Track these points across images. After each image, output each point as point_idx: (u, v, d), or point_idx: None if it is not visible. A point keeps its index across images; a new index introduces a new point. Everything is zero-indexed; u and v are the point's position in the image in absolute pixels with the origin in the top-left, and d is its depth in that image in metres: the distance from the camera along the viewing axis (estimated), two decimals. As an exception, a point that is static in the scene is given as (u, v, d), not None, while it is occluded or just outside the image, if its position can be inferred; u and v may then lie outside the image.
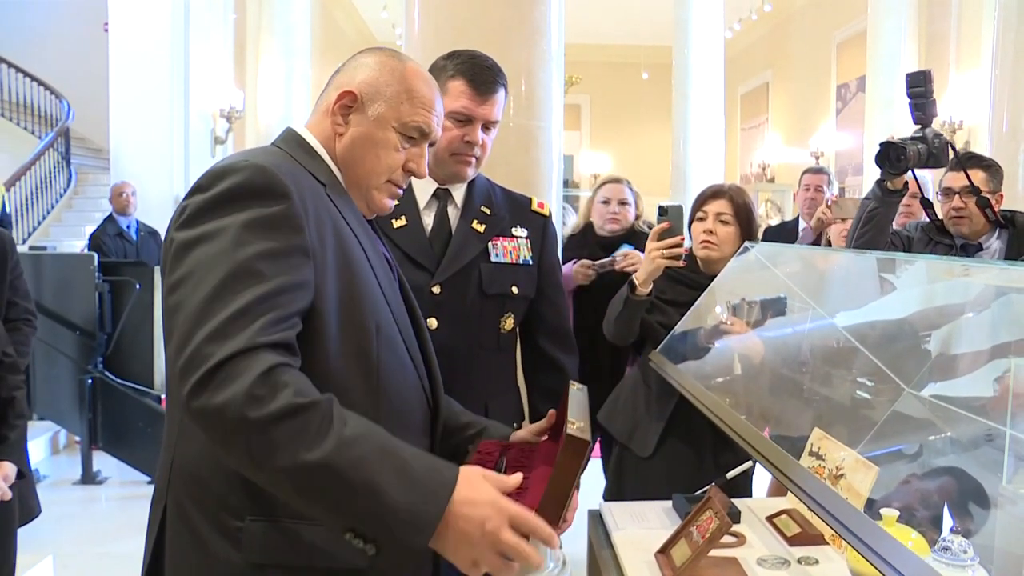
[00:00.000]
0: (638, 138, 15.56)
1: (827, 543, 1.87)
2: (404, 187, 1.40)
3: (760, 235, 3.05)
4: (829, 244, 3.40)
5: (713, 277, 2.44)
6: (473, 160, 1.92)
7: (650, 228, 3.23)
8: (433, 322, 1.86)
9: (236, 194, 1.17)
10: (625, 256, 2.97)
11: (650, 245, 2.26)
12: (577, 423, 1.16)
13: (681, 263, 2.28)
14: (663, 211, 2.25)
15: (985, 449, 2.21)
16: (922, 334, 2.50)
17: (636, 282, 2.28)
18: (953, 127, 8.31)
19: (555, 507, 1.11)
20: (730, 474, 2.09)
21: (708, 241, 2.42)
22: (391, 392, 1.30)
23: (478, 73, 1.89)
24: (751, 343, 2.31)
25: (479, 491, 1.07)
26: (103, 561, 3.89)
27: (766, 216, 11.58)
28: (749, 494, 2.48)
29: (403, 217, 1.93)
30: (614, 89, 15.53)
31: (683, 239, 2.25)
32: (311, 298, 1.18)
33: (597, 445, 2.95)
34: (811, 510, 1.46)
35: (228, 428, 1.02)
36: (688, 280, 2.44)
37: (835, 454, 1.86)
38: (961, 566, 1.43)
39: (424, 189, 1.96)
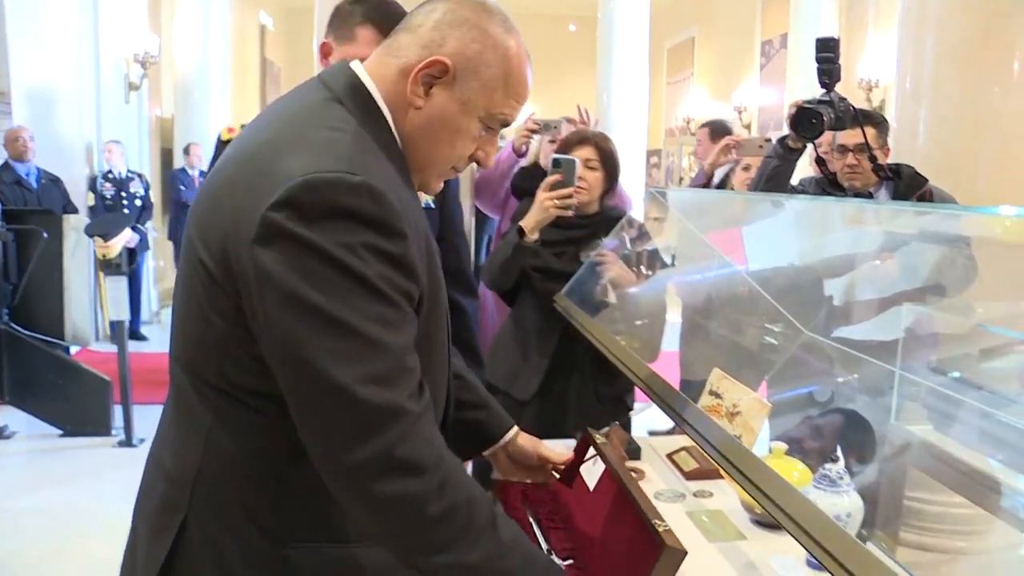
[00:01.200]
0: (564, 90, 15.47)
1: (722, 477, 1.94)
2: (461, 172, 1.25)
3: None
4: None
5: (585, 218, 2.54)
6: None
7: None
8: None
9: (349, 219, 0.98)
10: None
11: (542, 195, 2.37)
12: (663, 525, 1.19)
13: (570, 213, 2.39)
14: (557, 163, 2.38)
15: (877, 389, 2.31)
16: (823, 279, 2.58)
17: (525, 229, 2.39)
18: (870, 85, 8.51)
19: None
20: (633, 413, 2.15)
21: (577, 187, 2.50)
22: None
23: (388, 19, 1.86)
24: (622, 272, 2.48)
25: None
26: (13, 516, 3.81)
27: (689, 169, 11.74)
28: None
29: None
30: (541, 41, 15.39)
31: (574, 191, 2.38)
32: None
33: None
34: (697, 444, 1.51)
35: (401, 520, 0.98)
36: (561, 222, 2.49)
37: (732, 393, 1.92)
38: (837, 492, 1.50)
39: None
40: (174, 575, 1.09)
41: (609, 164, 2.59)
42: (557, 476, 1.48)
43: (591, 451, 1.49)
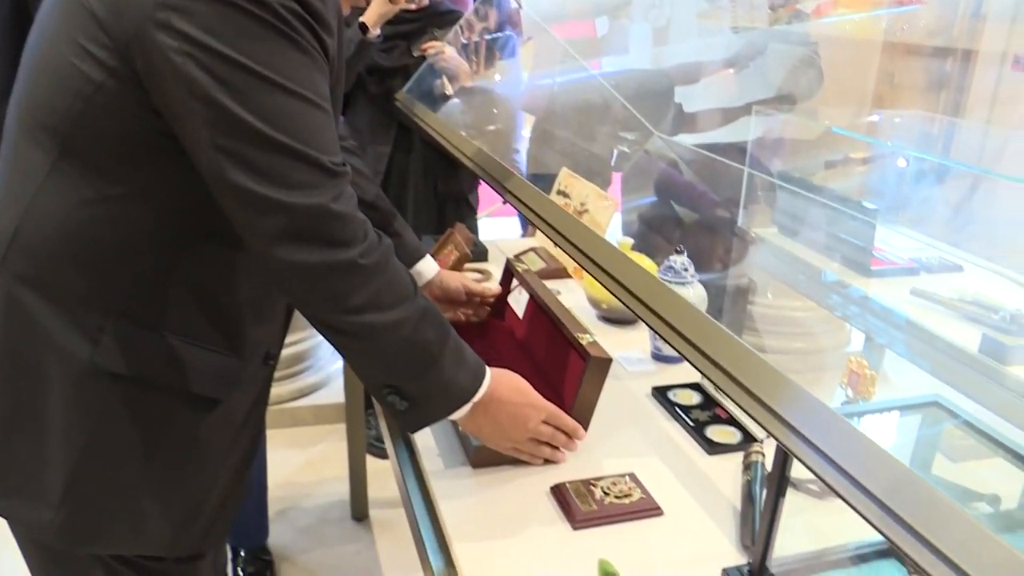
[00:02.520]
0: None
1: (569, 276, 1.89)
2: None
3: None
4: None
5: (414, 12, 2.44)
6: None
7: None
8: None
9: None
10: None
11: None
12: (586, 337, 1.24)
13: (414, 5, 2.32)
14: None
15: (725, 191, 2.30)
16: (674, 86, 2.52)
17: (368, 24, 2.29)
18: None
19: (584, 423, 1.21)
20: (481, 214, 2.06)
21: None
22: None
23: None
24: (457, 63, 2.41)
25: (518, 384, 1.16)
26: None
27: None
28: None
29: None
30: None
31: None
32: None
33: None
34: (549, 237, 1.43)
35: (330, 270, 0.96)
36: (407, 15, 2.41)
37: (580, 191, 1.84)
38: (682, 283, 1.47)
39: None
40: None
41: None
42: (489, 310, 1.56)
43: (515, 281, 1.57)
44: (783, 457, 0.91)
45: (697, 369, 0.92)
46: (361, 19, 2.30)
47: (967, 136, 2.59)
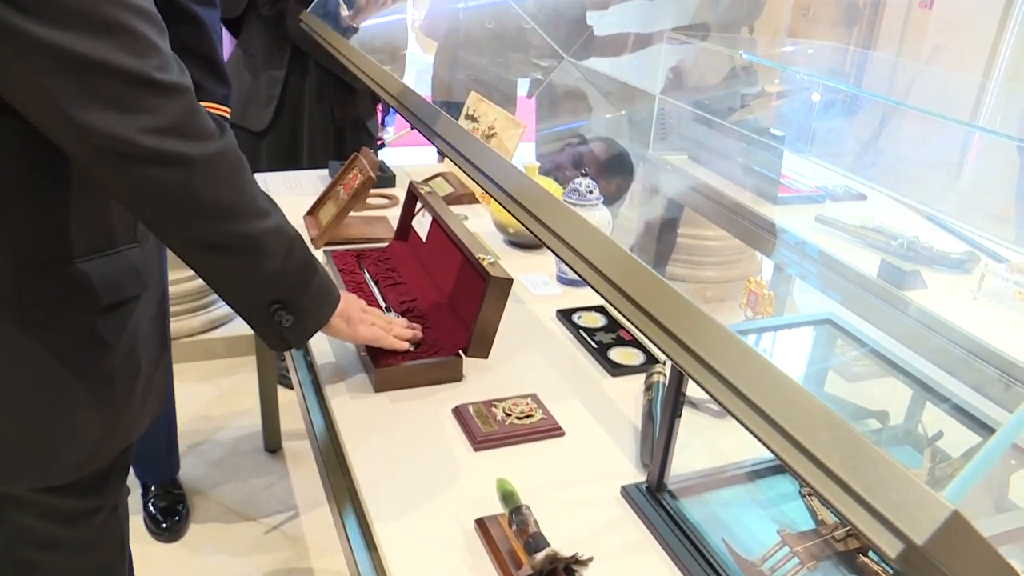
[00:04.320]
0: None
1: (478, 201, 1.86)
2: None
3: None
4: None
5: None
6: None
7: None
8: None
9: None
10: None
11: None
12: (487, 258, 1.22)
13: None
14: None
15: (636, 117, 2.28)
16: (597, 15, 2.48)
17: None
18: None
19: (486, 343, 1.22)
20: (384, 142, 2.01)
21: None
22: None
23: None
24: None
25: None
26: None
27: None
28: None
29: None
30: None
31: None
32: None
33: None
34: (454, 161, 1.40)
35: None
36: None
37: (488, 115, 1.81)
38: (586, 205, 1.46)
39: None
40: None
41: None
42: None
43: (418, 204, 1.54)
44: (679, 377, 0.91)
45: (596, 291, 0.92)
46: None
47: (878, 68, 2.62)
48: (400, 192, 1.93)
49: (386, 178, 1.96)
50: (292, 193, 1.94)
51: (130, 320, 1.02)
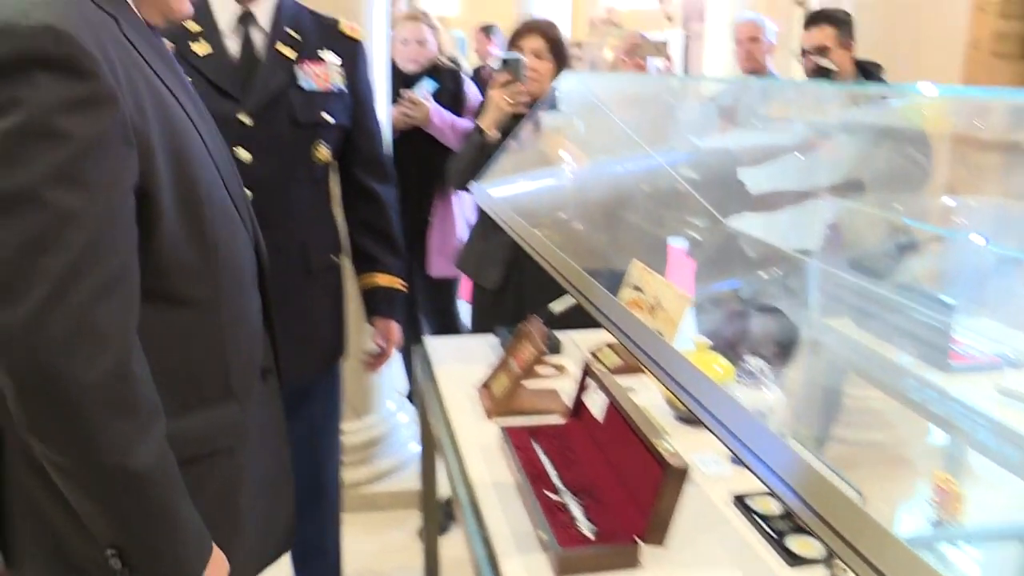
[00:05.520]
0: (484, -20, 15.05)
1: (644, 372, 1.90)
2: None
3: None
4: None
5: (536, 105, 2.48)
6: None
7: (453, 62, 3.31)
8: (246, 154, 1.75)
9: (24, 69, 0.92)
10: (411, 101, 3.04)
11: (495, 93, 2.40)
12: (664, 445, 1.27)
13: (525, 109, 2.38)
14: (505, 63, 2.44)
15: (797, 283, 2.29)
16: (745, 169, 2.53)
17: (484, 128, 2.39)
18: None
19: (662, 530, 1.25)
20: (554, 306, 2.09)
21: (528, 77, 2.49)
22: (228, 258, 1.17)
23: None
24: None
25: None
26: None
27: (613, 64, 11.52)
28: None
29: (205, 43, 1.79)
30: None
31: (525, 88, 2.41)
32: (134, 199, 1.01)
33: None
34: (616, 338, 1.45)
35: (60, 400, 0.92)
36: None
37: (652, 287, 1.87)
38: (758, 386, 1.47)
39: (225, 9, 1.80)
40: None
41: (558, 52, 2.56)
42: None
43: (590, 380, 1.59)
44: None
45: (769, 488, 0.93)
46: (478, 121, 2.43)
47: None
48: (567, 360, 1.99)
49: (552, 345, 2.03)
50: (461, 361, 2.04)
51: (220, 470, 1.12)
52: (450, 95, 3.17)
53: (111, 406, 0.94)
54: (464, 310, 3.13)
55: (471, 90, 3.25)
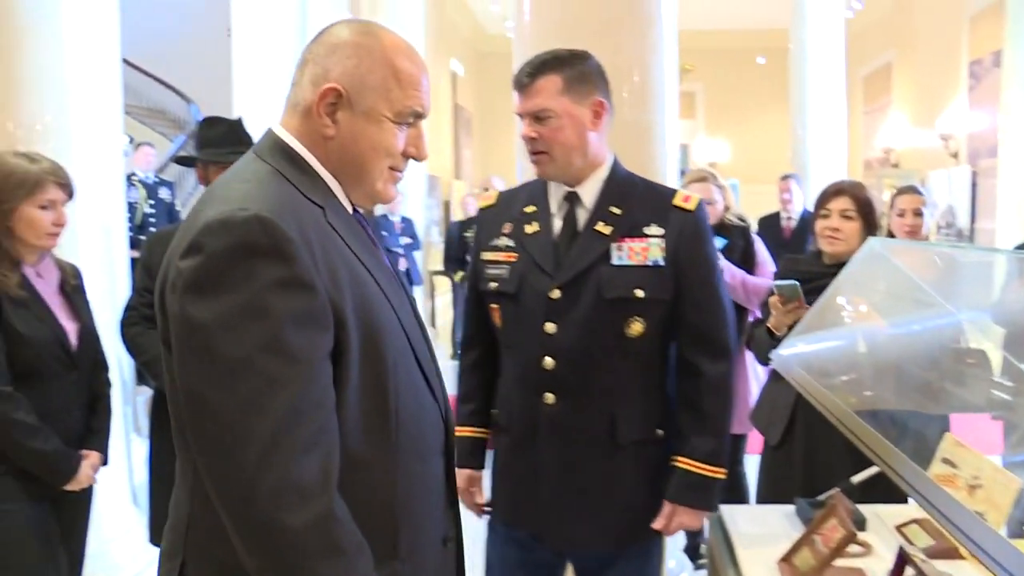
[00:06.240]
0: (755, 124, 15.18)
1: (962, 558, 1.77)
2: (404, 171, 1.34)
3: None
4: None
5: (837, 265, 2.47)
6: (540, 155, 1.91)
7: (740, 220, 3.35)
8: (552, 327, 1.86)
9: (239, 257, 1.10)
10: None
11: (778, 310, 2.45)
12: None
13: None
14: (780, 290, 2.43)
15: None
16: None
17: (774, 330, 2.46)
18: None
19: None
20: (856, 479, 2.01)
21: (833, 236, 2.54)
22: (408, 425, 1.27)
23: (518, 72, 1.92)
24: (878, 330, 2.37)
25: None
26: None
27: (889, 204, 11.07)
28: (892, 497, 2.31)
29: (536, 223, 1.96)
30: (729, 75, 15.16)
31: (803, 304, 2.40)
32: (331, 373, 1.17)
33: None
34: (940, 525, 1.38)
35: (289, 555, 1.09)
36: (817, 274, 2.50)
37: (970, 463, 1.75)
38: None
39: (557, 191, 1.97)
40: None
41: (866, 212, 2.58)
42: None
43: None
44: None
45: None
46: (768, 325, 2.49)
47: None
48: (872, 537, 1.90)
49: (857, 521, 1.94)
50: (757, 530, 2.00)
51: None
52: (740, 252, 3.22)
53: (319, 548, 1.07)
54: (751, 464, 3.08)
55: (760, 247, 3.29)
